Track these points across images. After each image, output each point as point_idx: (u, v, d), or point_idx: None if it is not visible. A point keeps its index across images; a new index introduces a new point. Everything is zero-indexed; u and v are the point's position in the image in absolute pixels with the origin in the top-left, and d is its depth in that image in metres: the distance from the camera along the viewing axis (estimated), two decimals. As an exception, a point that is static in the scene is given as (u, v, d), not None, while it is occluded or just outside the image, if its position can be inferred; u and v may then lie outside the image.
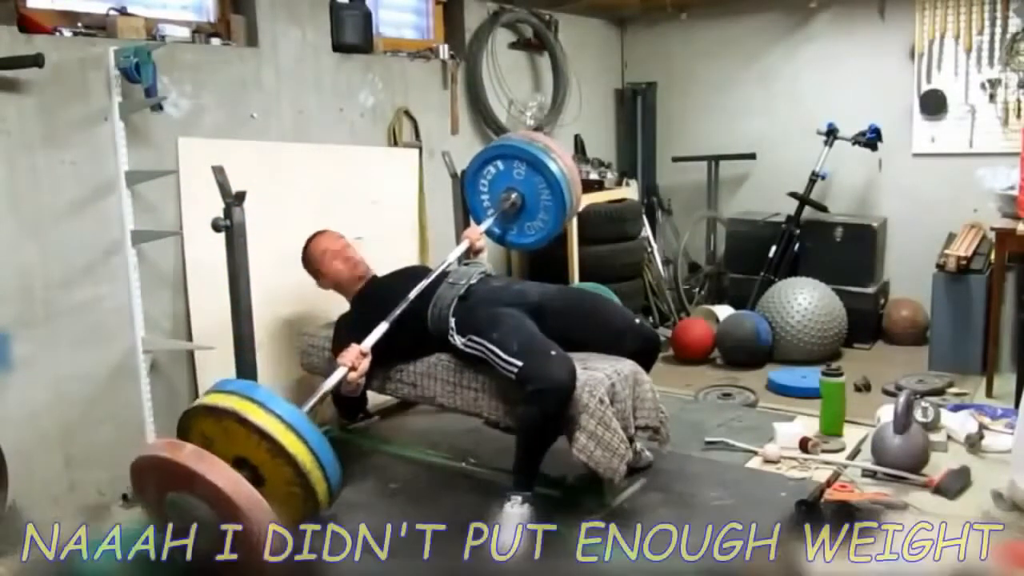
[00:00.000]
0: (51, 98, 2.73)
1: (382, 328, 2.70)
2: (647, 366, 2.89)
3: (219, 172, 2.58)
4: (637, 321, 2.94)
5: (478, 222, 3.24)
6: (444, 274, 2.91)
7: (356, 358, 2.62)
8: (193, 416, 2.26)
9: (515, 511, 2.51)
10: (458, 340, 2.76)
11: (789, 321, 4.32)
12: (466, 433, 3.29)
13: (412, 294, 2.76)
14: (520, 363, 2.53)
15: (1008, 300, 3.93)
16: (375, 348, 2.68)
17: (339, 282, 3.12)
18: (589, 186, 4.61)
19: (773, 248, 4.77)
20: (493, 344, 2.63)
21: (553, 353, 2.56)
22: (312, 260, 3.15)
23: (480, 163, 3.22)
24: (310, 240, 3.18)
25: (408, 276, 2.96)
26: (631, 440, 2.71)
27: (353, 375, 2.61)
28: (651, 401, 2.79)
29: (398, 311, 2.72)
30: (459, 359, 2.81)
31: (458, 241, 3.82)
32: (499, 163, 3.17)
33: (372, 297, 2.98)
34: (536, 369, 2.51)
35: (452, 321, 2.79)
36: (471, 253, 3.08)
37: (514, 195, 3.14)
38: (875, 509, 2.65)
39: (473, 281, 2.88)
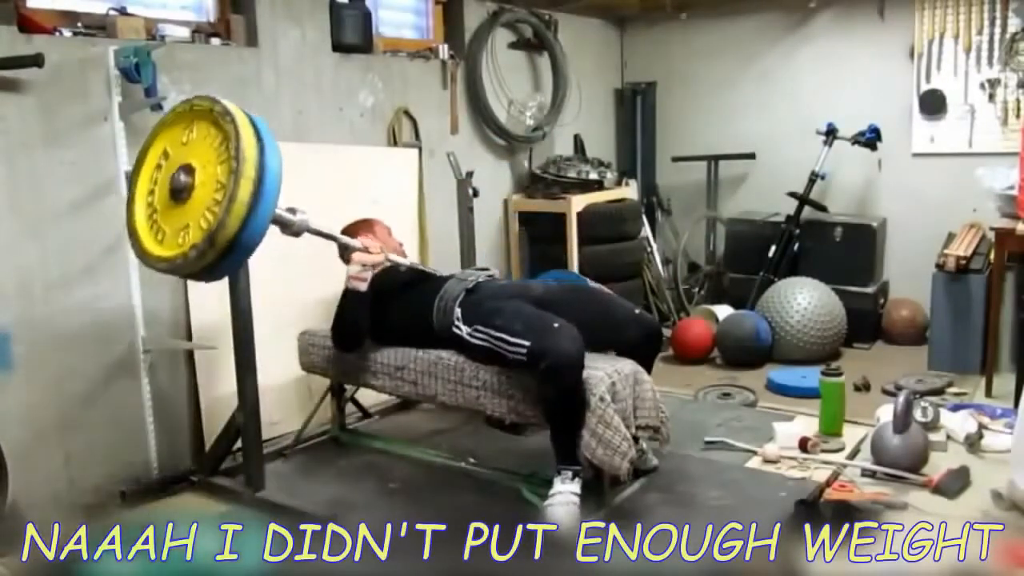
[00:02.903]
0: (51, 98, 2.73)
1: (407, 261, 2.92)
2: (651, 356, 2.92)
3: (219, 171, 2.59)
4: (638, 311, 2.97)
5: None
6: (451, 275, 2.99)
7: (376, 248, 2.81)
8: (167, 123, 2.42)
9: (567, 487, 2.57)
10: (464, 329, 2.78)
11: (789, 321, 4.32)
12: (466, 433, 3.29)
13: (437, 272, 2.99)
14: (527, 342, 2.56)
15: (1007, 300, 3.93)
16: (376, 324, 2.88)
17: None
18: (589, 186, 4.62)
19: (773, 248, 4.76)
20: (498, 331, 2.65)
21: (556, 325, 2.59)
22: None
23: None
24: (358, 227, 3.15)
25: (420, 270, 3.08)
26: (634, 440, 2.71)
27: (367, 256, 2.79)
28: (651, 400, 2.79)
29: (425, 267, 2.98)
30: (464, 354, 2.81)
31: (461, 244, 3.89)
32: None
33: (385, 278, 2.98)
34: (543, 344, 2.53)
35: (458, 311, 2.81)
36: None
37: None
38: (875, 509, 2.65)
39: (480, 279, 2.94)
